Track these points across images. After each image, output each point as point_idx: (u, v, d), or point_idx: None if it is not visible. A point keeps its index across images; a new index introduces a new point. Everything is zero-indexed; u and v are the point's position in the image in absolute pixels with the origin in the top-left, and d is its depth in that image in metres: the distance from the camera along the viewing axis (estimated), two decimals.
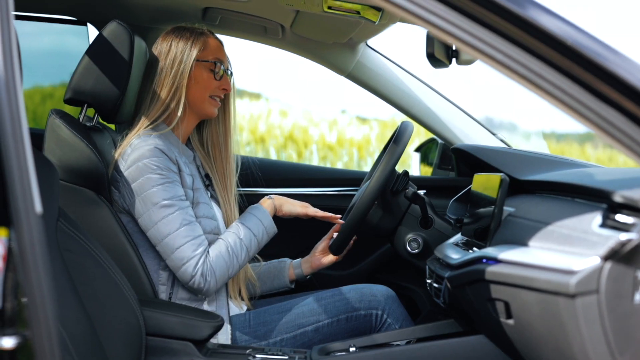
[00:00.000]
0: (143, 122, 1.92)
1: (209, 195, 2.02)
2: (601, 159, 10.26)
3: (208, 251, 1.86)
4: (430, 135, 2.85)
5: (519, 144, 2.57)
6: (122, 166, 1.85)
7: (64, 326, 1.31)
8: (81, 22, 2.65)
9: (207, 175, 2.06)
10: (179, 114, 1.92)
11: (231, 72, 2.01)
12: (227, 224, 2.01)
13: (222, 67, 1.96)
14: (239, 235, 1.90)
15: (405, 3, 1.14)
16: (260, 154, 8.75)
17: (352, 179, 2.77)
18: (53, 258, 1.42)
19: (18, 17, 2.60)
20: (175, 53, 1.93)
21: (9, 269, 1.03)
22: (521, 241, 1.45)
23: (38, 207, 1.05)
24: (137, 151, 1.84)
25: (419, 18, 1.16)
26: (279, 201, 2.02)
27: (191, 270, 1.82)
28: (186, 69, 1.92)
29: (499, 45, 1.14)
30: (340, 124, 10.84)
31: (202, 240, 1.85)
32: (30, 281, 1.01)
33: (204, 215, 1.90)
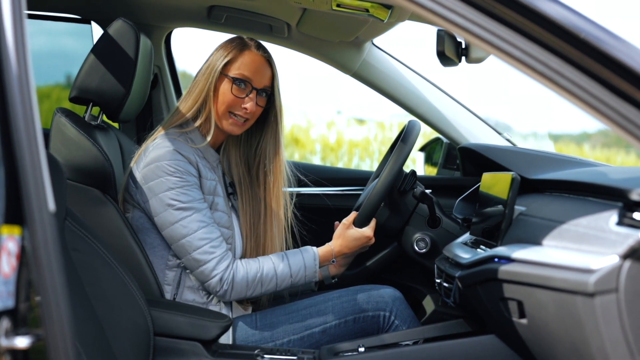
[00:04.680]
0: (173, 120, 1.92)
1: (230, 204, 1.99)
2: (599, 159, 10.26)
3: (237, 263, 1.86)
4: (435, 135, 2.84)
5: (522, 145, 2.55)
6: (142, 162, 1.85)
7: None
8: (85, 20, 2.64)
9: (231, 184, 2.04)
10: (212, 120, 1.92)
11: (267, 94, 1.94)
12: (244, 237, 1.99)
13: (242, 85, 1.91)
14: (276, 268, 1.89)
15: (427, 2, 1.13)
16: None
17: (357, 178, 2.75)
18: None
19: None
20: (211, 60, 1.94)
21: (23, 267, 1.02)
22: (534, 240, 1.43)
23: (51, 205, 1.03)
24: (156, 150, 1.83)
25: (440, 17, 1.15)
26: (338, 247, 2.00)
27: (208, 272, 1.82)
28: (213, 79, 1.91)
29: (510, 39, 1.13)
30: (338, 124, 10.85)
31: (220, 242, 1.84)
32: (43, 280, 1.00)
33: (219, 223, 1.89)
